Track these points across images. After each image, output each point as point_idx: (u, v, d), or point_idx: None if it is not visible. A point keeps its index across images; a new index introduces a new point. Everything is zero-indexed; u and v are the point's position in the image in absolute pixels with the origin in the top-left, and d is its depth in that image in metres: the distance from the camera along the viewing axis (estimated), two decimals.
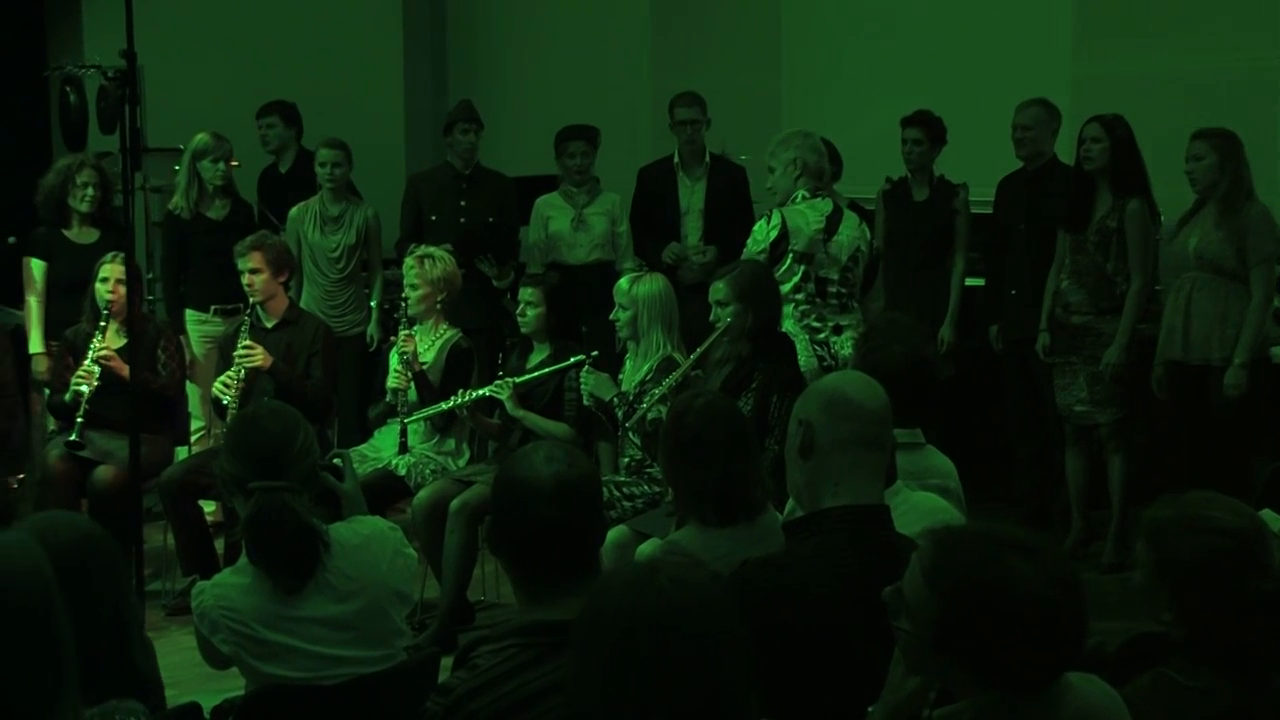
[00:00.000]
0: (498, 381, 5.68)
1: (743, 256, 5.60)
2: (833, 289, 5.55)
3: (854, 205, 6.16)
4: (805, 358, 5.37)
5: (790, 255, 5.49)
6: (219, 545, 5.91)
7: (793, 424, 2.77)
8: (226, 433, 3.08)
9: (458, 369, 5.89)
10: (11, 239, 6.81)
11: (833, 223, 5.55)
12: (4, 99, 8.37)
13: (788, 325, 5.39)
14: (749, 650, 2.00)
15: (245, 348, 5.82)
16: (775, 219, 5.51)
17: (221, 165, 6.79)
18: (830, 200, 5.64)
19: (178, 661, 2.95)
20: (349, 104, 8.75)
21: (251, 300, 5.98)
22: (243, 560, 3.00)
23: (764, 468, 3.70)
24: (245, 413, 3.14)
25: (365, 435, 6.14)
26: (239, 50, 8.85)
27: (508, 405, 5.64)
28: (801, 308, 5.51)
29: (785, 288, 5.44)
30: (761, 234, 5.52)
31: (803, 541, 2.70)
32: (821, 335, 5.49)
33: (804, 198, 5.55)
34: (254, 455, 3.00)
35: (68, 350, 6.05)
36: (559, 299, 5.80)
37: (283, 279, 6.06)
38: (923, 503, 3.19)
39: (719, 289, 5.07)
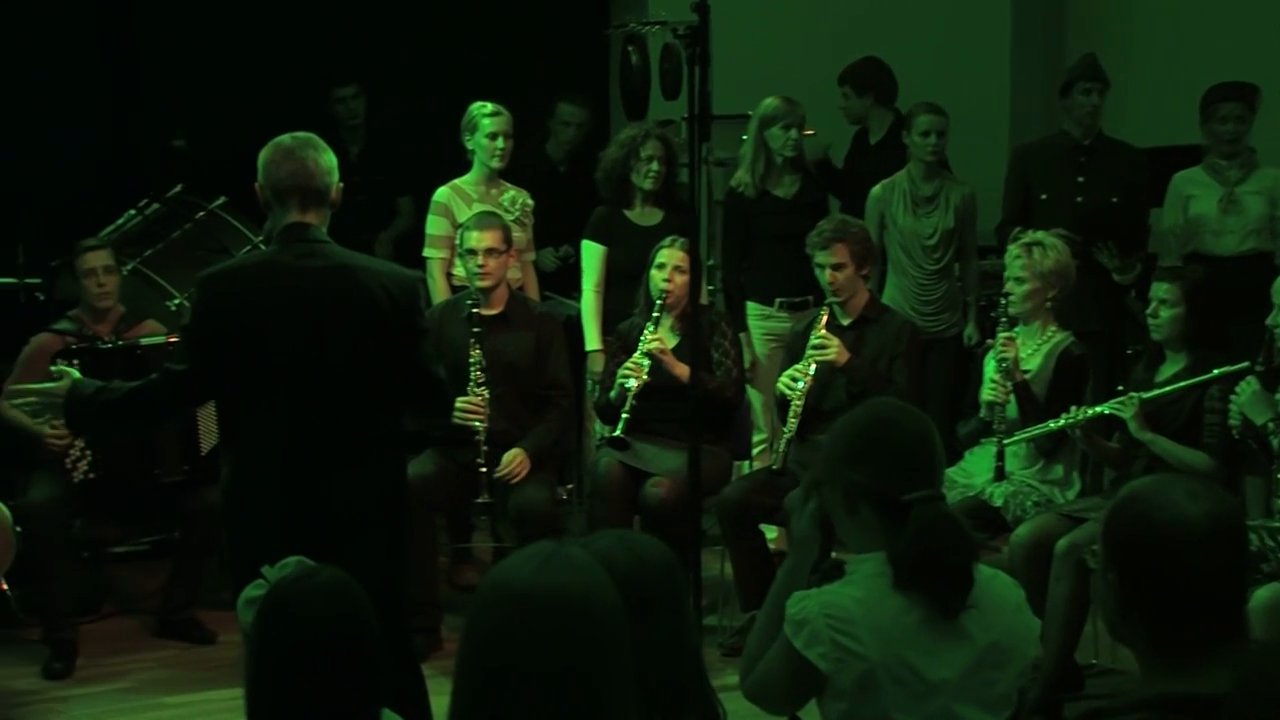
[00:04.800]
0: (1120, 397, 5.58)
1: None
2: None
3: None
4: None
5: None
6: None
7: None
8: (841, 436, 3.14)
9: (1069, 380, 5.83)
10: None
11: None
12: (564, 62, 8.98)
13: None
14: None
15: (820, 339, 5.98)
16: None
17: (793, 133, 6.95)
18: None
19: (735, 710, 3.06)
20: (942, 61, 8.80)
21: (829, 300, 6.12)
22: (854, 574, 3.07)
23: None
24: (867, 412, 3.18)
25: (954, 457, 6.16)
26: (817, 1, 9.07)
27: (1131, 426, 5.53)
28: None
29: None
30: None
31: None
32: None
33: None
34: (898, 460, 3.06)
35: (621, 346, 6.41)
36: (1201, 298, 5.63)
37: (865, 272, 6.18)
38: None
39: None
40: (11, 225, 7.54)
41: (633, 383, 6.08)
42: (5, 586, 6.21)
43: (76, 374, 4.33)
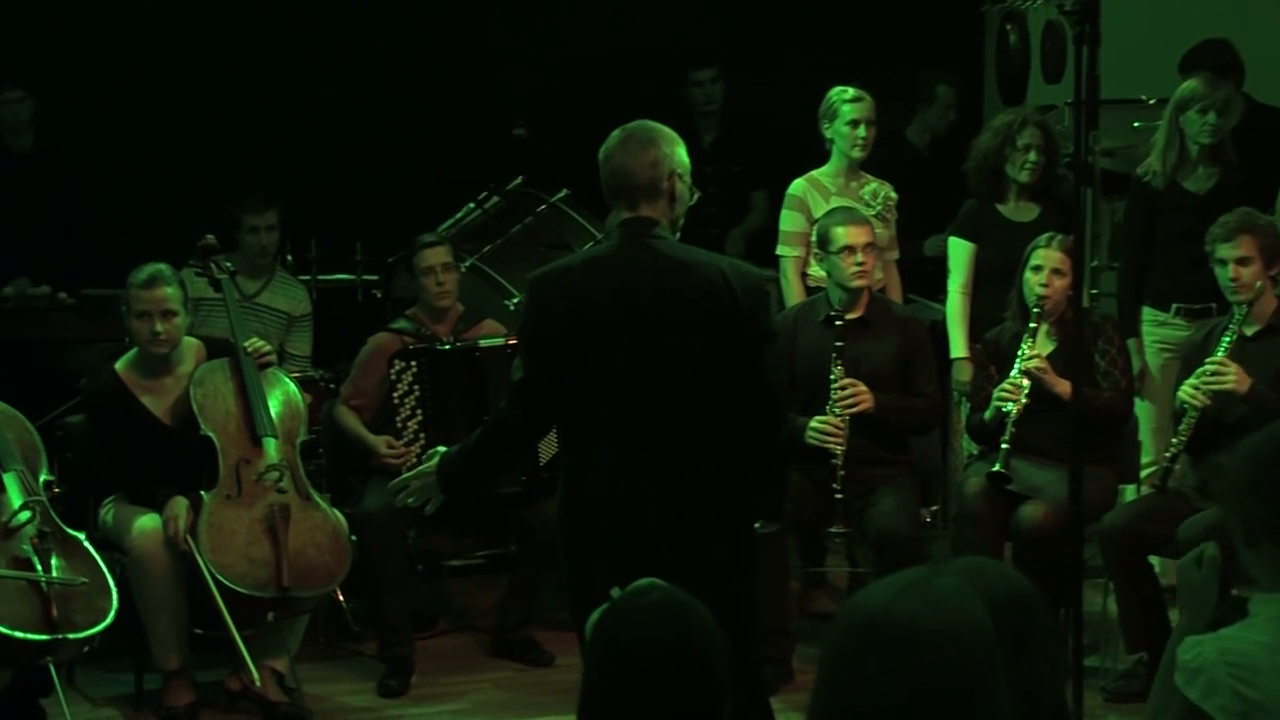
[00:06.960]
0: None
1: None
2: None
3: None
4: None
5: None
6: (1173, 616, 5.90)
7: None
8: (1243, 461, 3.02)
9: None
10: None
11: None
12: (934, 43, 8.88)
13: None
14: None
15: (1216, 364, 5.75)
16: None
17: (1211, 118, 6.68)
18: None
19: None
20: None
21: (1234, 302, 5.90)
22: (1258, 616, 2.94)
23: None
24: (1272, 437, 3.04)
25: None
26: None
27: None
28: None
29: None
30: None
31: None
32: None
33: None
34: None
35: (990, 356, 6.29)
36: None
37: (1274, 272, 5.93)
38: None
39: None
40: (349, 221, 7.79)
41: (1011, 407, 5.96)
42: (341, 598, 6.43)
43: (443, 448, 4.43)
